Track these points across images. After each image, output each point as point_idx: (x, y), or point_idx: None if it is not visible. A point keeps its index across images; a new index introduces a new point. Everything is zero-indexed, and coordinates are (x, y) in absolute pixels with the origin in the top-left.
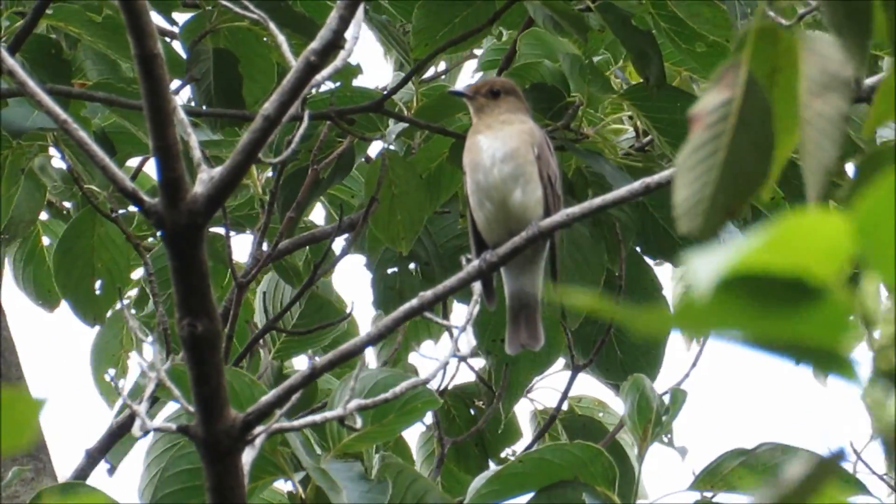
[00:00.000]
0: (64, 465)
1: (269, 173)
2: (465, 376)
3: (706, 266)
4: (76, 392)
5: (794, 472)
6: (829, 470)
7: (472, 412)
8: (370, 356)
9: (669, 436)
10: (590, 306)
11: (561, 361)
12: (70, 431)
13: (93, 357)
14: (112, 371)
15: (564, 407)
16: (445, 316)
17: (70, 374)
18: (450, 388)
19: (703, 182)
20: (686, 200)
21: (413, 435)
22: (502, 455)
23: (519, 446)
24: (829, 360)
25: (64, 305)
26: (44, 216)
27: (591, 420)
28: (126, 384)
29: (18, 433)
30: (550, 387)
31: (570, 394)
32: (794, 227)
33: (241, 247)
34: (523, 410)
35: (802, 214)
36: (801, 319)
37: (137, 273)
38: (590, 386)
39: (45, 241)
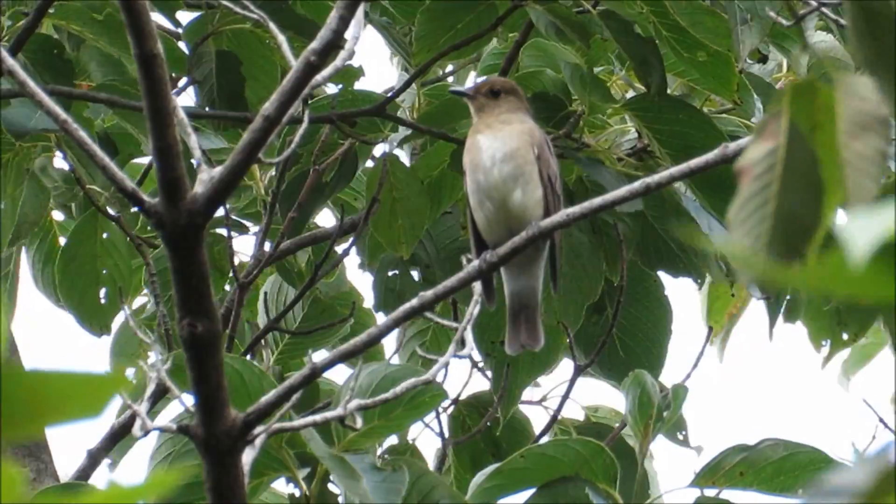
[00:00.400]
0: (65, 466)
1: (273, 173)
2: (479, 385)
3: (864, 230)
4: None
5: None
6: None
7: (489, 424)
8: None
9: (684, 433)
10: (762, 271)
11: (571, 366)
12: (72, 431)
13: (111, 359)
14: (132, 371)
15: (580, 416)
16: (455, 318)
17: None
18: (463, 396)
19: (756, 234)
20: (743, 253)
21: (431, 448)
22: None
23: None
24: None
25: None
26: (60, 217)
27: (607, 429)
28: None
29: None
30: (570, 397)
31: (587, 403)
32: None
33: (244, 247)
34: (540, 419)
35: None
36: None
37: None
38: (607, 395)
39: (62, 241)
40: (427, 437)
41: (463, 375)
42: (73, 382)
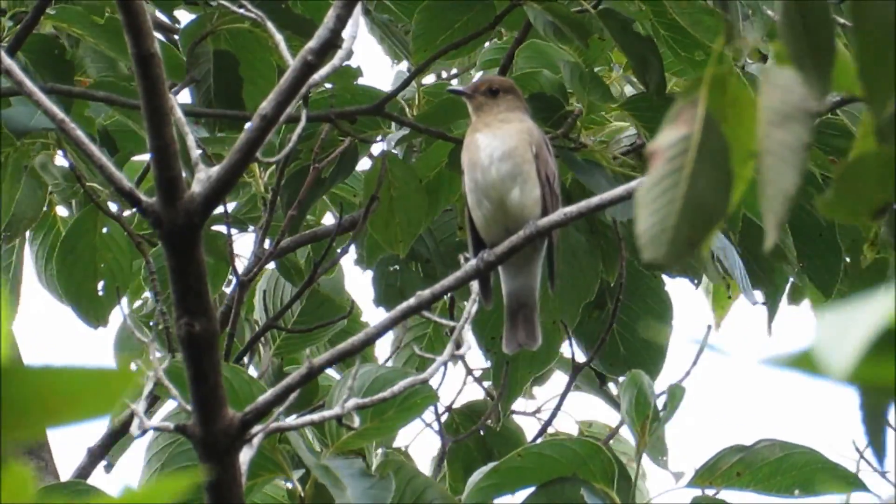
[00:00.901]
0: (66, 464)
1: (272, 169)
2: (473, 394)
3: (842, 339)
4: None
5: None
6: None
7: (482, 432)
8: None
9: (665, 458)
10: None
11: (565, 379)
12: (72, 429)
13: (115, 352)
14: (135, 365)
15: (574, 431)
16: (453, 317)
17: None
18: (457, 405)
19: (664, 213)
20: (649, 230)
21: (424, 458)
22: None
23: None
24: None
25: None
26: (64, 213)
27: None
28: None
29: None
30: (564, 410)
31: (581, 418)
32: None
33: (243, 245)
34: (533, 430)
35: None
36: None
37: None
38: (601, 411)
39: None
40: (419, 445)
41: (457, 384)
42: (80, 379)
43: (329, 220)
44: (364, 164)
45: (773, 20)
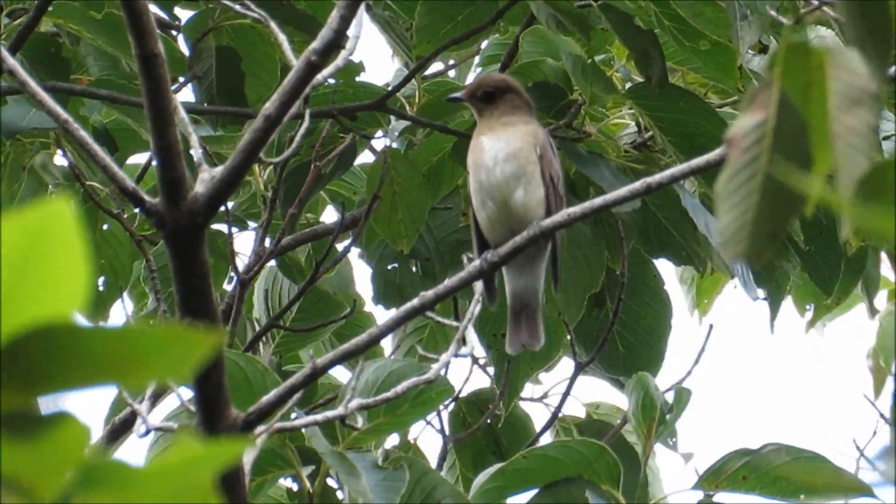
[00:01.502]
0: None
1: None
2: (480, 382)
3: None
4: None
5: None
6: None
7: (489, 421)
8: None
9: (674, 440)
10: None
11: (572, 364)
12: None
13: None
14: None
15: (582, 413)
16: (457, 317)
17: None
18: (464, 394)
19: (744, 207)
20: (729, 226)
21: (433, 449)
22: None
23: None
24: None
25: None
26: None
27: (608, 426)
28: None
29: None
30: (571, 394)
31: (588, 400)
32: None
33: (244, 243)
34: (541, 416)
35: None
36: None
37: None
38: (608, 393)
39: None
40: (428, 435)
41: (463, 372)
42: (158, 339)
43: (328, 216)
44: (365, 159)
45: (772, 19)
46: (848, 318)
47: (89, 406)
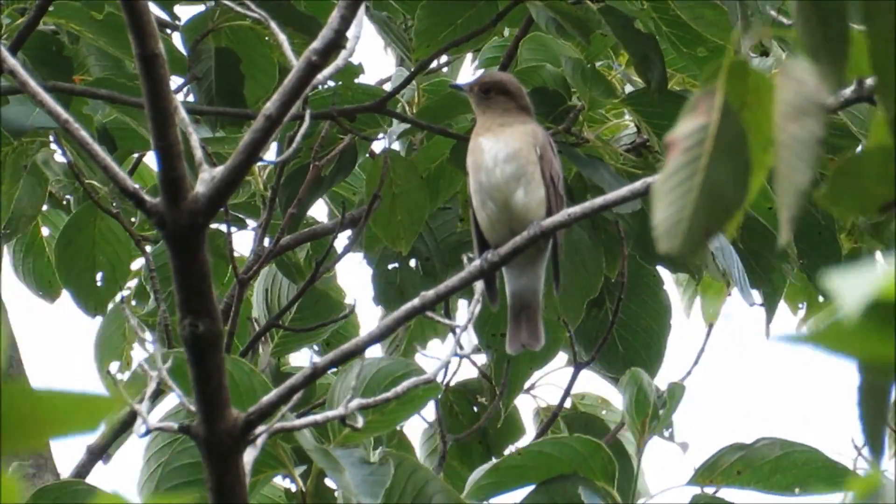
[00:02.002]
0: (65, 462)
1: (271, 167)
2: (468, 372)
3: (853, 289)
4: (77, 385)
5: None
6: None
7: (475, 409)
8: (377, 351)
9: (670, 430)
10: None
11: (562, 358)
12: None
13: (96, 350)
14: (116, 364)
15: (567, 404)
16: (448, 314)
17: (71, 368)
18: (452, 384)
19: (681, 204)
20: (665, 221)
21: (416, 432)
22: (506, 452)
23: (522, 443)
24: None
25: (64, 296)
26: (44, 207)
27: (594, 418)
28: (129, 378)
29: (26, 433)
30: (553, 383)
31: (573, 391)
32: None
33: (243, 242)
34: (526, 407)
35: None
36: None
37: (137, 263)
38: (593, 383)
39: (45, 231)
40: (412, 424)
41: (451, 364)
42: (72, 401)
43: (322, 213)
44: (366, 160)
45: (772, 19)
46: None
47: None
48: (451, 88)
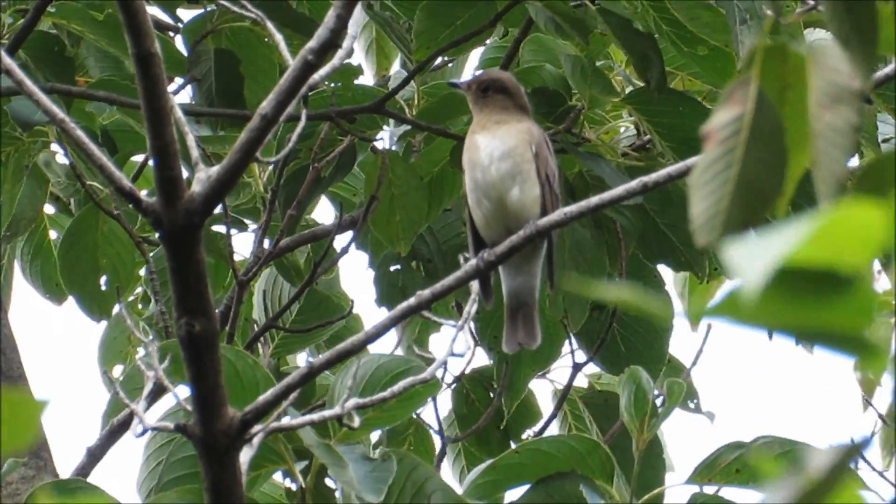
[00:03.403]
0: (65, 463)
1: (271, 168)
2: (483, 359)
3: (753, 260)
4: (80, 388)
5: (816, 465)
6: (850, 458)
7: (492, 395)
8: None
9: (695, 401)
10: (619, 297)
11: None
12: (72, 429)
13: (100, 353)
14: (120, 367)
15: (584, 384)
16: (460, 310)
17: (74, 370)
18: (467, 371)
19: (717, 196)
20: (702, 214)
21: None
22: (524, 436)
23: (539, 427)
24: (858, 348)
25: (71, 299)
26: (51, 210)
27: (613, 395)
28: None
29: (20, 434)
30: (568, 366)
31: (589, 371)
32: (833, 220)
33: (242, 244)
34: (544, 390)
35: (840, 209)
36: (834, 309)
37: (144, 269)
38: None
39: (53, 234)
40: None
41: (467, 353)
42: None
43: (326, 217)
44: (365, 161)
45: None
46: None
47: (87, 406)
48: (449, 86)
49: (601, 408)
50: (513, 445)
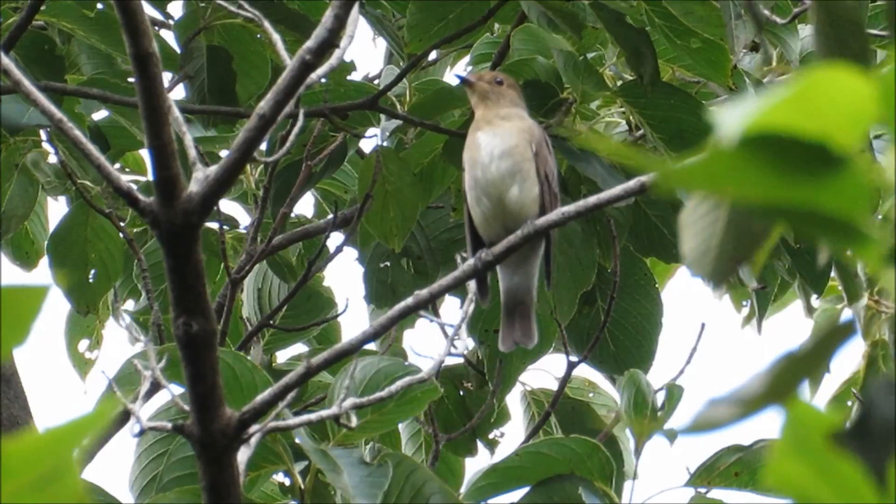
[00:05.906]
0: None
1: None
2: (454, 358)
3: (732, 118)
4: (54, 372)
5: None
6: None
7: (462, 393)
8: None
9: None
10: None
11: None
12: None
13: (67, 327)
14: (86, 342)
15: (553, 386)
16: (435, 309)
17: (44, 349)
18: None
19: (708, 234)
20: (693, 251)
21: (402, 425)
22: (490, 436)
23: (507, 428)
24: (844, 232)
25: (41, 267)
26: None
27: (581, 403)
28: (100, 355)
29: (21, 325)
30: (539, 368)
31: (559, 374)
32: (818, 86)
33: (236, 238)
34: (513, 392)
35: (827, 72)
36: (820, 186)
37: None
38: (580, 369)
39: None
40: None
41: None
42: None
43: (309, 209)
44: (354, 157)
45: (767, 19)
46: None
47: (86, 406)
48: (458, 79)
49: (569, 415)
50: (479, 444)
